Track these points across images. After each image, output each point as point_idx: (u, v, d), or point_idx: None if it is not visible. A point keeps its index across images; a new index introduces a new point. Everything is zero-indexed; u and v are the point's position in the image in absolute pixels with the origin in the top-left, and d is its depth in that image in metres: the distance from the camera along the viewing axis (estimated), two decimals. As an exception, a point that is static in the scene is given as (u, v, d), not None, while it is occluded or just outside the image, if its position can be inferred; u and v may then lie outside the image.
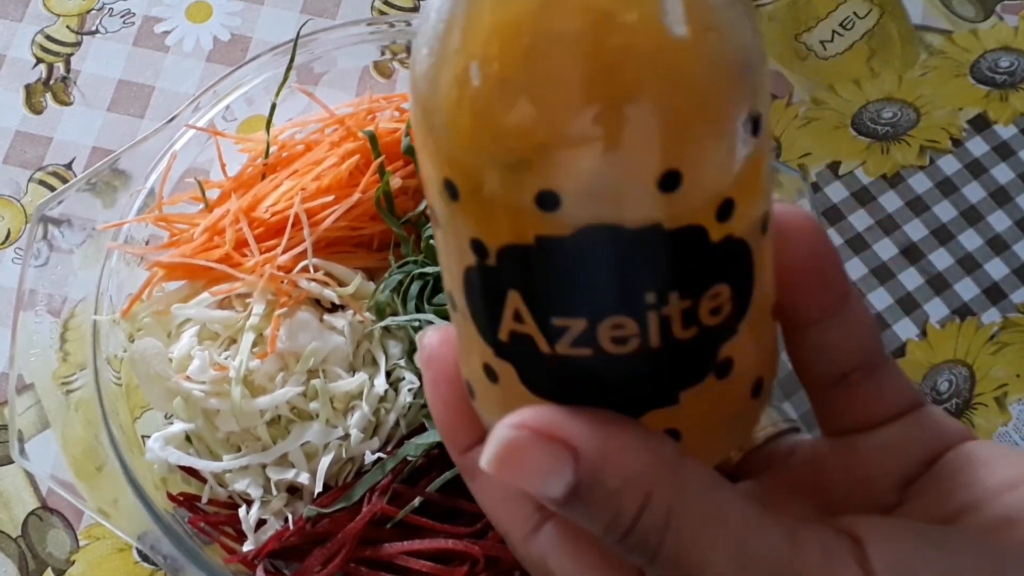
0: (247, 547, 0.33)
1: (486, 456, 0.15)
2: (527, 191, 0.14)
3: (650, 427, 0.15)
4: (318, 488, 0.33)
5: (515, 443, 0.15)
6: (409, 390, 0.34)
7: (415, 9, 0.46)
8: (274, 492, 0.33)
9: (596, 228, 0.14)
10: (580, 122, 0.13)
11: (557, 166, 0.14)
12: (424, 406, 0.34)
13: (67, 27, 0.45)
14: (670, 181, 0.14)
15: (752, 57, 0.14)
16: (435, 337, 0.18)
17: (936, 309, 0.41)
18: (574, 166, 0.14)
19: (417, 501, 0.32)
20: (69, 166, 0.43)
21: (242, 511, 0.33)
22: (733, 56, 0.14)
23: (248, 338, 0.33)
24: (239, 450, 0.34)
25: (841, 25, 0.46)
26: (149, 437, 0.34)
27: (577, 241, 0.14)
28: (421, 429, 0.34)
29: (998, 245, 0.42)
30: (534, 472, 0.14)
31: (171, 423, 0.34)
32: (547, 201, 0.14)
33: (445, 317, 0.34)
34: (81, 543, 0.37)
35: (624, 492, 0.15)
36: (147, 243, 0.37)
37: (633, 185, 0.14)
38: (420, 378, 0.34)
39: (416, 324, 0.34)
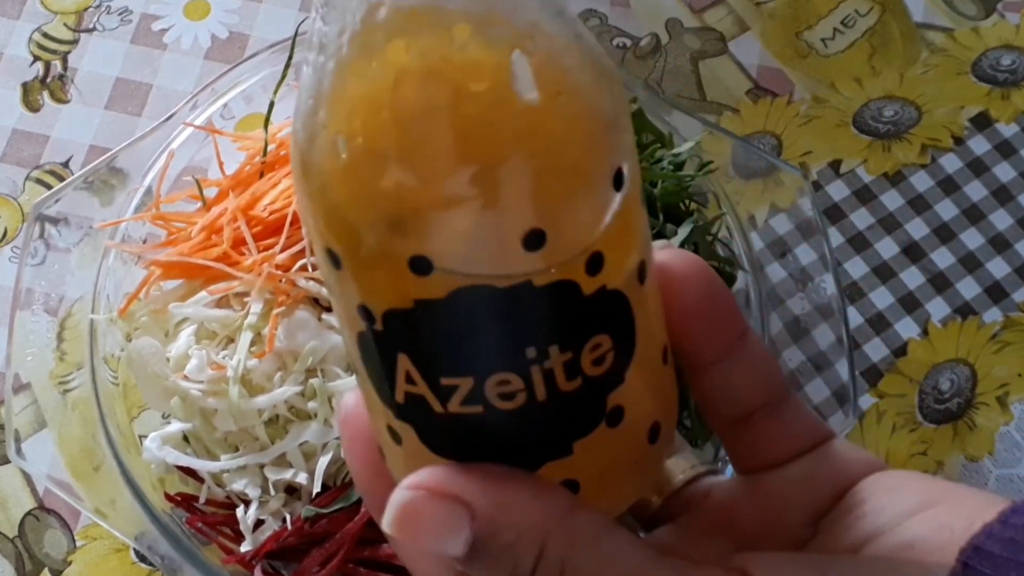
0: (245, 547, 0.33)
1: (386, 519, 0.15)
2: (400, 257, 0.14)
3: (548, 479, 0.16)
4: (316, 488, 0.33)
5: (411, 505, 0.15)
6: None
7: (414, 7, 0.46)
8: (272, 492, 0.33)
9: (469, 289, 0.14)
10: (441, 188, 0.14)
11: (423, 231, 0.14)
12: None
13: (64, 25, 0.45)
14: (534, 240, 0.14)
15: (608, 115, 0.15)
16: (351, 399, 0.18)
17: (938, 308, 0.41)
18: (439, 230, 0.14)
19: (416, 501, 0.32)
20: (66, 164, 0.43)
21: (240, 511, 0.33)
22: (587, 117, 0.15)
23: (246, 337, 0.33)
24: (237, 450, 0.34)
25: (842, 23, 0.46)
26: (146, 437, 0.34)
27: (453, 303, 0.14)
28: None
29: (1000, 244, 0.42)
30: (432, 531, 0.15)
31: (168, 423, 0.34)
32: (420, 266, 0.14)
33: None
34: (78, 543, 0.37)
35: (519, 544, 0.15)
36: (144, 242, 0.37)
37: (498, 246, 0.14)
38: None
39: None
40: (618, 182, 0.15)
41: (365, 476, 0.18)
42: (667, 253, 0.17)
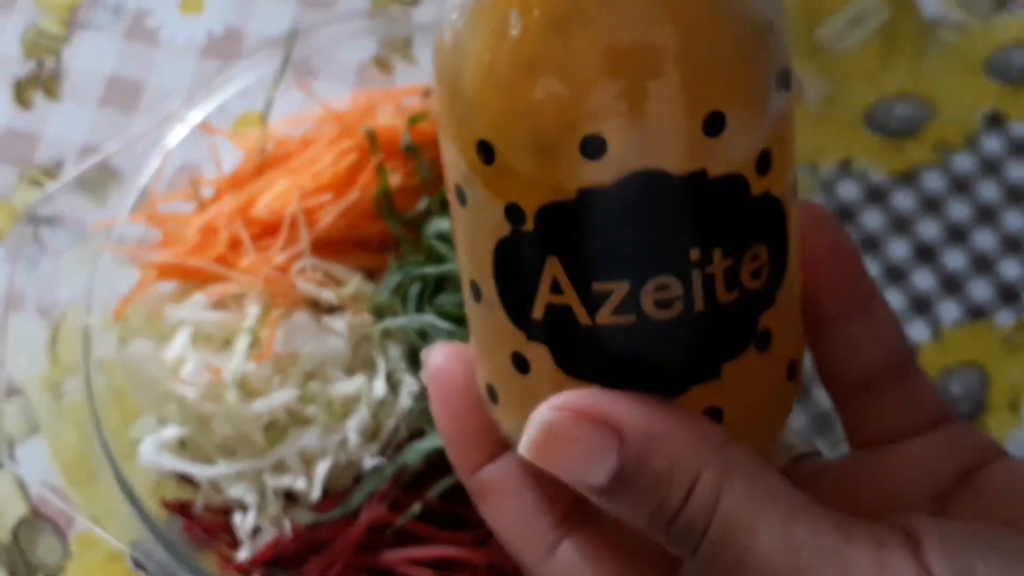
0: (242, 554, 0.33)
1: (525, 441, 0.15)
2: (572, 137, 0.14)
3: (693, 405, 0.15)
4: (316, 494, 0.32)
5: (558, 425, 0.14)
6: (409, 394, 0.34)
7: (414, 2, 0.46)
8: (270, 498, 0.33)
9: (642, 176, 0.14)
10: (628, 61, 0.13)
11: (602, 107, 0.14)
12: (425, 410, 0.34)
13: (57, 20, 0.45)
14: (715, 124, 0.14)
15: (782, 8, 0.15)
16: (440, 353, 0.18)
17: (949, 310, 0.41)
18: (620, 105, 0.14)
19: (417, 507, 0.32)
20: (59, 164, 0.42)
21: (237, 518, 0.33)
22: (768, 6, 0.15)
23: (244, 340, 0.33)
24: (234, 455, 0.33)
25: (853, 20, 0.46)
26: (142, 442, 0.33)
27: (622, 191, 0.14)
28: (421, 434, 0.33)
29: (1013, 245, 0.42)
30: (577, 456, 0.14)
31: (164, 428, 0.34)
32: (593, 147, 0.14)
33: (447, 318, 0.33)
34: (72, 550, 0.36)
35: (672, 474, 0.14)
36: (139, 243, 0.37)
37: (679, 126, 0.14)
38: (420, 382, 0.34)
39: (416, 326, 0.33)
40: (787, 82, 0.15)
41: (457, 433, 0.18)
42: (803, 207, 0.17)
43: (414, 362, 0.34)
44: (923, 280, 0.41)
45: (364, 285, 0.35)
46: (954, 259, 0.41)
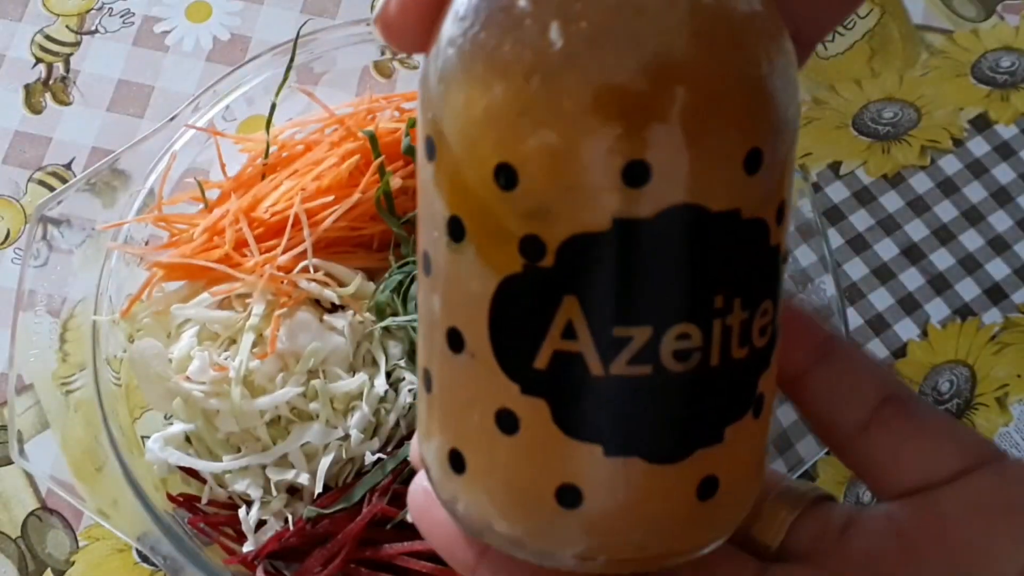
0: (247, 548, 0.33)
1: None
2: (616, 161, 0.13)
3: (695, 471, 0.14)
4: (318, 489, 0.33)
5: None
6: (409, 390, 0.34)
7: (415, 9, 0.46)
8: (274, 493, 0.33)
9: (681, 210, 0.13)
10: (688, 81, 0.13)
11: (655, 132, 0.13)
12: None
13: (66, 27, 0.45)
14: (754, 162, 0.13)
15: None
16: (419, 491, 0.16)
17: (937, 309, 0.41)
18: (673, 132, 0.13)
19: (417, 502, 0.32)
20: (68, 166, 0.43)
21: (242, 512, 0.33)
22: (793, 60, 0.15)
23: (248, 338, 0.33)
24: (239, 451, 0.34)
25: (842, 25, 0.46)
26: (149, 438, 0.34)
27: (661, 224, 0.13)
28: (421, 430, 0.34)
29: (999, 245, 0.42)
30: None
31: (171, 424, 0.34)
32: (636, 174, 0.13)
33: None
34: (81, 544, 0.37)
35: None
36: (147, 243, 0.37)
37: (727, 160, 0.13)
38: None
39: (416, 325, 0.34)
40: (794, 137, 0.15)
41: (447, 536, 0.16)
42: None
43: (414, 360, 0.35)
44: (911, 280, 0.41)
45: (365, 284, 0.35)
46: (942, 259, 0.42)
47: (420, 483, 0.16)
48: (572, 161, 0.13)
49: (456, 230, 0.14)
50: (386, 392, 0.34)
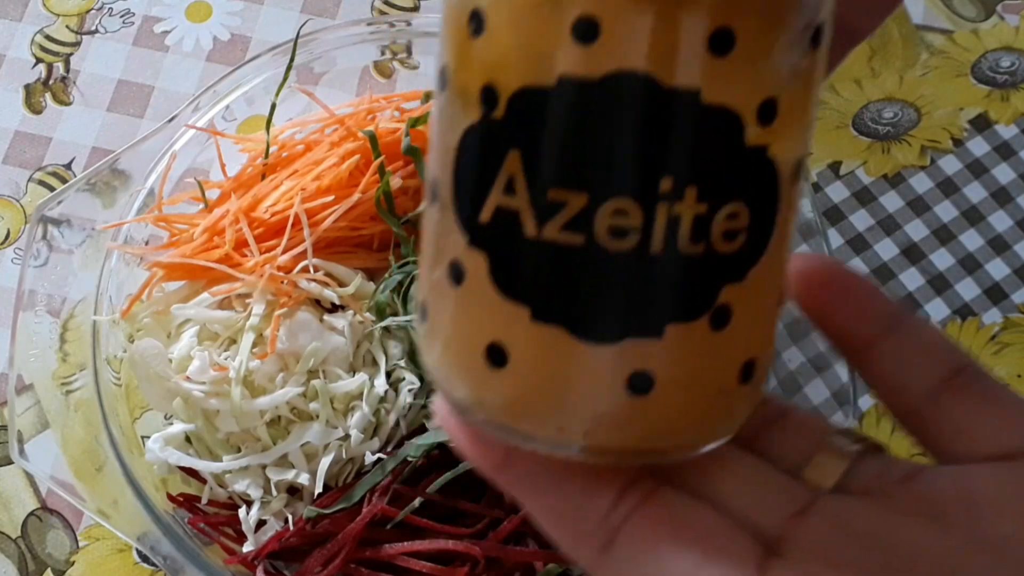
0: (247, 548, 0.33)
1: None
2: (566, 14, 0.12)
3: (623, 362, 0.13)
4: (318, 489, 0.33)
5: None
6: (409, 390, 0.34)
7: (415, 9, 0.46)
8: (274, 493, 0.33)
9: (628, 76, 0.12)
10: None
11: None
12: (424, 407, 0.34)
13: (66, 27, 0.45)
14: (723, 41, 0.12)
15: None
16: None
17: (937, 309, 0.41)
18: None
19: (417, 502, 0.32)
20: (69, 166, 0.43)
21: (242, 512, 0.33)
22: None
23: (248, 338, 0.33)
24: (239, 451, 0.34)
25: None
26: (149, 438, 0.34)
27: (603, 88, 0.12)
28: (421, 430, 0.34)
29: (999, 245, 0.42)
30: None
31: (171, 424, 0.34)
32: (585, 30, 0.12)
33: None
34: (81, 544, 0.37)
35: None
36: (147, 243, 0.37)
37: (685, 32, 0.12)
38: (421, 379, 0.34)
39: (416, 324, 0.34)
40: (816, 38, 0.13)
41: (473, 439, 0.15)
42: (798, 259, 0.16)
43: (414, 360, 0.35)
44: (911, 280, 0.41)
45: (365, 284, 0.35)
46: (942, 259, 0.42)
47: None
48: (529, 11, 0.13)
49: (442, 79, 0.14)
50: (386, 392, 0.34)
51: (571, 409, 0.14)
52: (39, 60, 0.45)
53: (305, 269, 0.34)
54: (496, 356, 0.14)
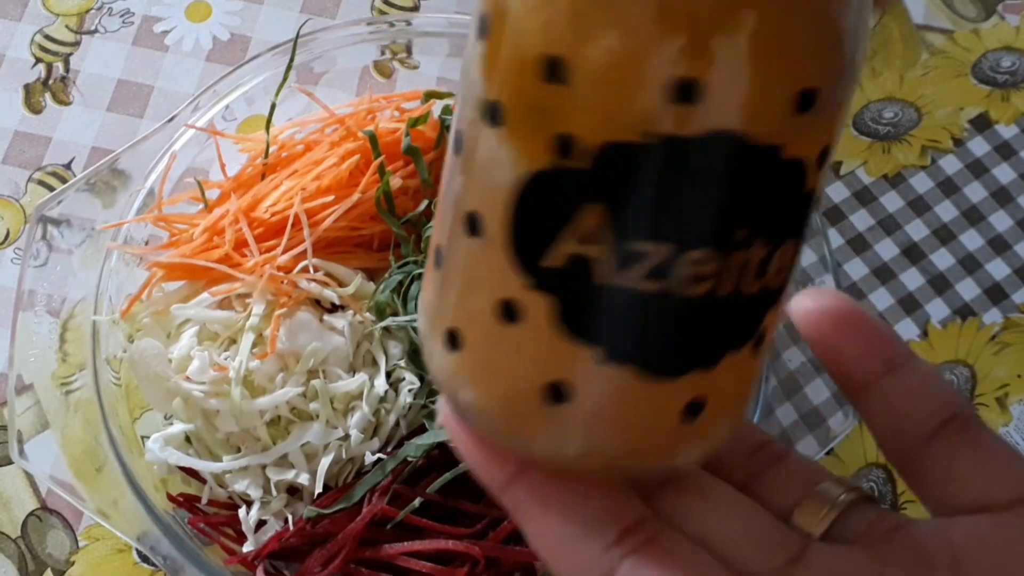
0: (247, 548, 0.33)
1: None
2: (663, 71, 0.12)
3: (683, 391, 0.14)
4: (318, 489, 0.33)
5: None
6: (409, 391, 0.34)
7: (415, 8, 0.46)
8: (274, 493, 0.33)
9: (725, 136, 0.13)
10: (752, 8, 0.12)
11: (717, 49, 0.12)
12: (424, 407, 0.34)
13: (66, 27, 0.45)
14: (808, 100, 0.13)
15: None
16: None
17: (937, 309, 0.41)
18: (736, 52, 0.12)
19: (417, 502, 0.32)
20: (68, 166, 0.43)
21: (242, 512, 0.33)
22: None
23: (248, 338, 0.33)
24: (239, 451, 0.34)
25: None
26: (149, 438, 0.34)
27: (699, 147, 0.13)
28: (421, 430, 0.34)
29: (999, 245, 0.42)
30: None
31: (171, 424, 0.34)
32: (685, 89, 0.12)
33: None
34: (81, 544, 0.37)
35: None
36: (147, 243, 0.37)
37: (780, 93, 0.13)
38: (420, 379, 0.34)
39: (416, 325, 0.34)
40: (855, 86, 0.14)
41: (481, 452, 0.16)
42: (807, 294, 0.17)
43: (414, 360, 0.35)
44: (911, 280, 0.41)
45: (365, 284, 0.35)
46: (942, 259, 0.42)
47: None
48: (626, 67, 0.13)
49: (493, 114, 0.14)
50: (386, 392, 0.34)
51: (630, 435, 0.15)
52: (39, 60, 0.45)
53: (305, 269, 0.34)
54: (559, 393, 0.15)
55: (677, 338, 0.14)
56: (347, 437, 0.33)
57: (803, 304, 0.17)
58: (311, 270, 0.34)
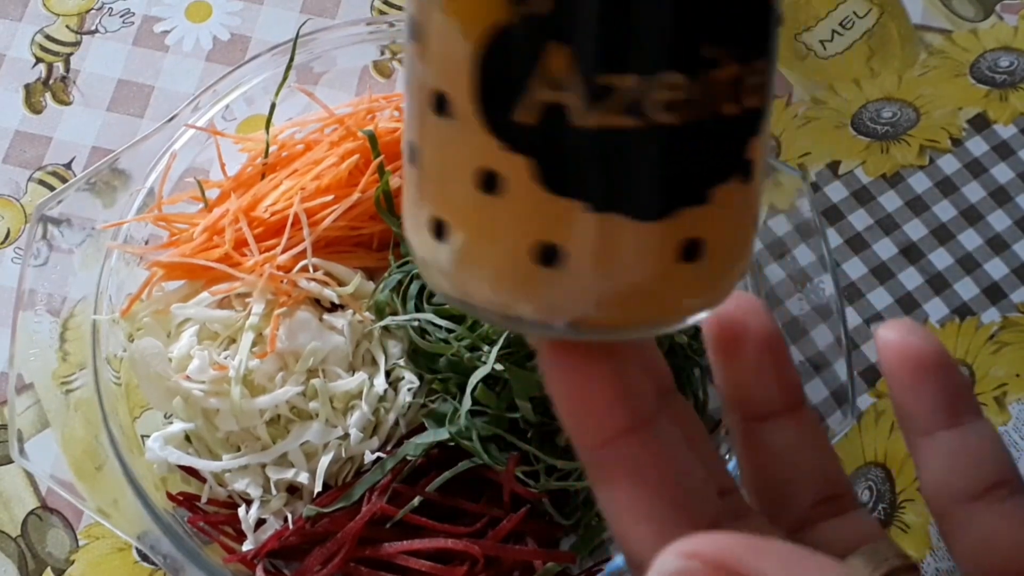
0: (247, 547, 0.33)
1: None
2: None
3: (678, 231, 0.14)
4: (318, 488, 0.33)
5: None
6: (409, 390, 0.34)
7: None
8: (274, 492, 0.33)
9: None
10: None
11: None
12: (424, 405, 0.34)
13: (67, 27, 0.45)
14: None
15: None
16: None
17: (936, 309, 0.41)
18: None
19: (417, 501, 0.32)
20: (69, 166, 0.43)
21: (242, 511, 0.33)
22: None
23: (248, 338, 0.33)
24: (239, 450, 0.34)
25: (841, 25, 0.46)
26: (149, 437, 0.34)
27: None
28: (421, 429, 0.34)
29: (998, 245, 0.42)
30: None
31: (171, 423, 0.35)
32: None
33: (445, 316, 0.34)
34: (81, 543, 0.37)
35: None
36: (147, 243, 0.37)
37: None
38: (420, 378, 0.35)
39: (416, 324, 0.34)
40: None
41: (584, 397, 0.15)
42: (894, 327, 0.17)
43: (414, 359, 0.35)
44: (910, 279, 0.41)
45: (365, 284, 0.35)
46: (940, 259, 0.42)
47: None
48: None
49: None
50: (385, 391, 0.34)
51: (633, 288, 0.14)
52: (39, 60, 0.45)
53: (305, 268, 0.34)
54: (550, 256, 0.14)
55: (659, 175, 0.14)
56: (347, 436, 0.33)
57: (889, 336, 0.17)
58: (311, 269, 0.34)
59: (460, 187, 0.14)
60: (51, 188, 0.42)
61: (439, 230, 0.15)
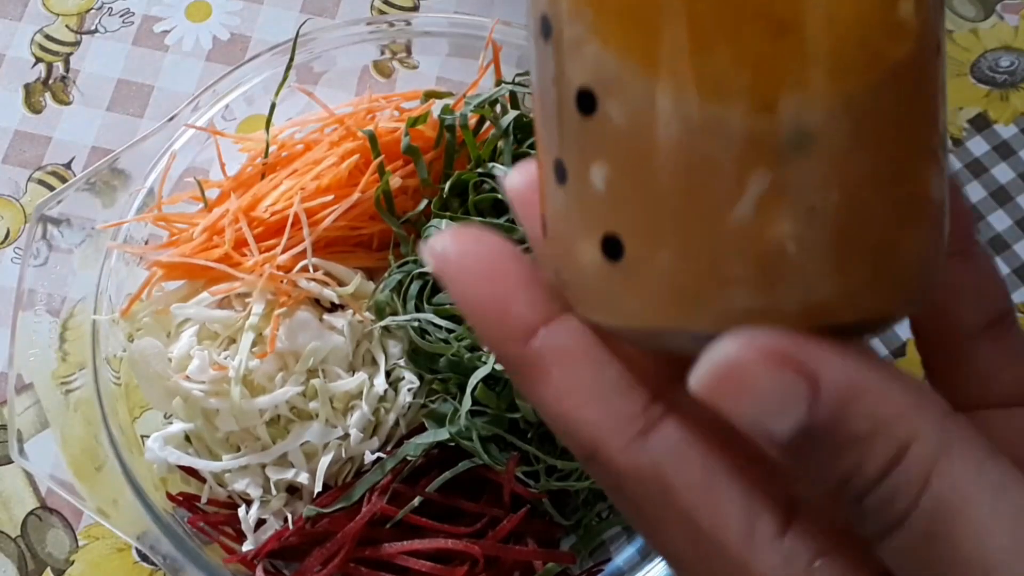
0: (247, 547, 0.33)
1: (697, 375, 0.12)
2: None
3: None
4: (318, 488, 0.33)
5: (742, 363, 0.12)
6: (409, 390, 0.34)
7: (415, 8, 0.46)
8: (273, 492, 0.33)
9: None
10: None
11: None
12: (424, 406, 0.34)
13: (66, 26, 0.45)
14: None
15: None
16: (515, 176, 0.15)
17: (936, 309, 0.41)
18: None
19: (417, 501, 0.32)
20: (68, 166, 0.43)
21: (241, 511, 0.33)
22: None
23: (248, 338, 0.33)
24: (238, 450, 0.34)
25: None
26: (148, 437, 0.34)
27: None
28: (421, 429, 0.34)
29: (998, 245, 0.42)
30: (760, 401, 0.12)
31: (170, 423, 0.35)
32: None
33: (445, 317, 0.34)
34: (80, 543, 0.37)
35: (874, 439, 0.12)
36: (146, 243, 0.37)
37: None
38: (420, 378, 0.34)
39: (416, 324, 0.34)
40: None
41: (497, 293, 0.14)
42: None
43: (413, 359, 0.35)
44: (911, 279, 0.41)
45: (365, 284, 0.35)
46: (941, 259, 0.42)
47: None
48: None
49: None
50: (385, 391, 0.34)
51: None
52: (39, 60, 0.45)
53: (305, 268, 0.34)
54: (612, 248, 0.13)
55: None
56: (347, 436, 0.33)
57: None
58: (311, 269, 0.34)
59: (546, 176, 0.13)
60: (51, 188, 0.42)
61: (613, 247, 0.13)
